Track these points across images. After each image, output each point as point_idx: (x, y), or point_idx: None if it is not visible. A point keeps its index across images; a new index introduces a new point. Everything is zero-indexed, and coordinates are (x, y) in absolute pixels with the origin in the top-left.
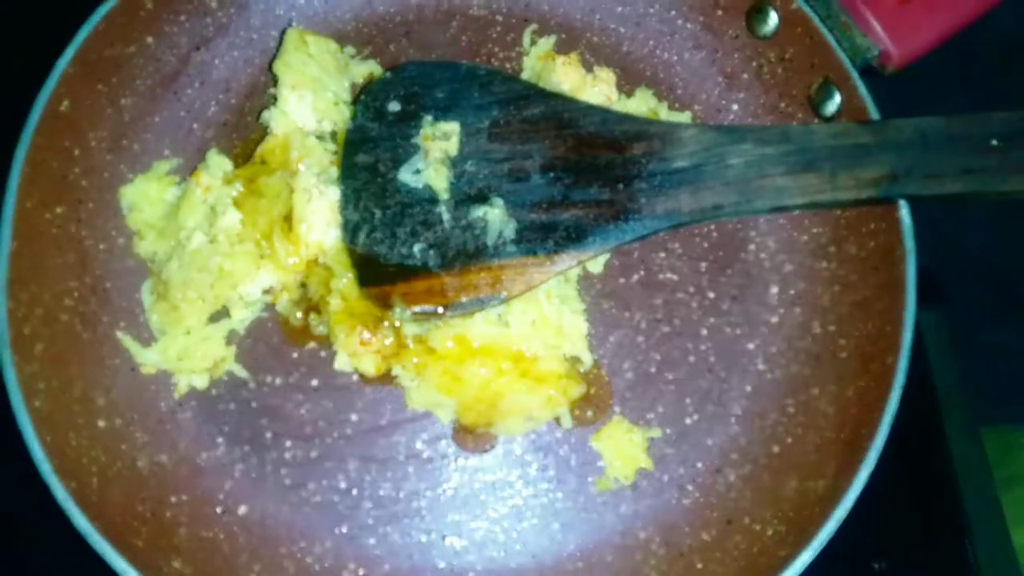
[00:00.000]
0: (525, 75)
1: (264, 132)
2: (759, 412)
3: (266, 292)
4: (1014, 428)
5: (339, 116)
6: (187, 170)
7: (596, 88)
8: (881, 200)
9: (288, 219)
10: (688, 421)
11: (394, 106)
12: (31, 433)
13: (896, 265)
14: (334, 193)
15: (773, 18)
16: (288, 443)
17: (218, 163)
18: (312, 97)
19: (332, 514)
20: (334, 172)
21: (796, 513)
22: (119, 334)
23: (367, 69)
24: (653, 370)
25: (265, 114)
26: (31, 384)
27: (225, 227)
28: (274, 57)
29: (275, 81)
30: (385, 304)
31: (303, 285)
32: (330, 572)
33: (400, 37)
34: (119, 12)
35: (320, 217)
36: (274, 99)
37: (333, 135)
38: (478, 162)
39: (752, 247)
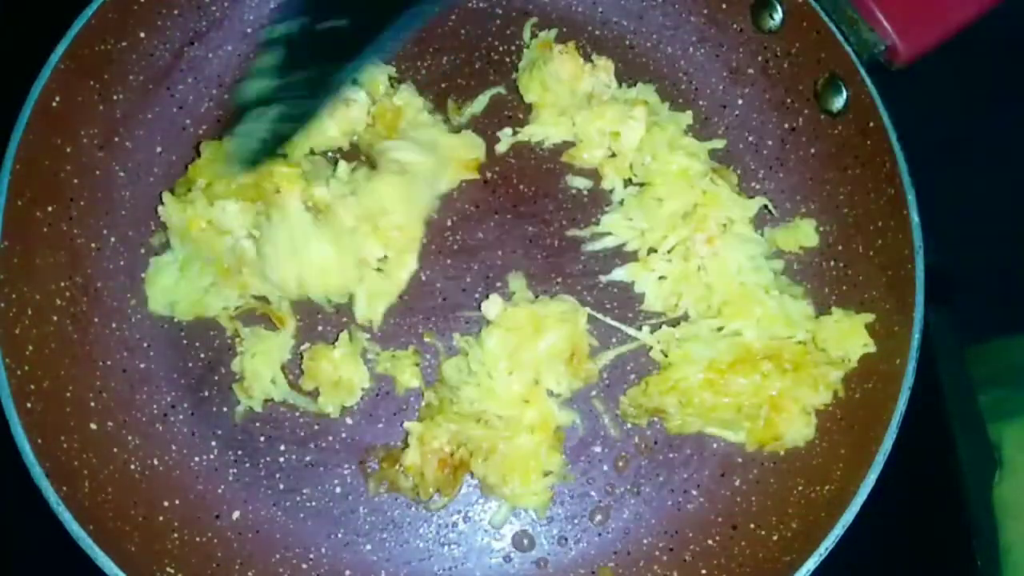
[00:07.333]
0: (523, 66)
1: None
2: None
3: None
4: None
5: None
6: (180, 167)
7: (595, 77)
8: None
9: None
10: None
11: None
12: (22, 436)
13: (904, 264)
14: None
15: (778, 12)
16: (282, 447)
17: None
18: None
19: (327, 520)
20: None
21: (802, 518)
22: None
23: None
24: None
25: None
26: (22, 386)
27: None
28: None
29: None
30: None
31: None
32: None
33: None
34: (111, 6)
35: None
36: None
37: None
38: None
39: None
